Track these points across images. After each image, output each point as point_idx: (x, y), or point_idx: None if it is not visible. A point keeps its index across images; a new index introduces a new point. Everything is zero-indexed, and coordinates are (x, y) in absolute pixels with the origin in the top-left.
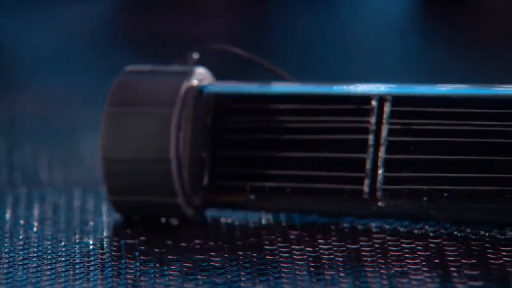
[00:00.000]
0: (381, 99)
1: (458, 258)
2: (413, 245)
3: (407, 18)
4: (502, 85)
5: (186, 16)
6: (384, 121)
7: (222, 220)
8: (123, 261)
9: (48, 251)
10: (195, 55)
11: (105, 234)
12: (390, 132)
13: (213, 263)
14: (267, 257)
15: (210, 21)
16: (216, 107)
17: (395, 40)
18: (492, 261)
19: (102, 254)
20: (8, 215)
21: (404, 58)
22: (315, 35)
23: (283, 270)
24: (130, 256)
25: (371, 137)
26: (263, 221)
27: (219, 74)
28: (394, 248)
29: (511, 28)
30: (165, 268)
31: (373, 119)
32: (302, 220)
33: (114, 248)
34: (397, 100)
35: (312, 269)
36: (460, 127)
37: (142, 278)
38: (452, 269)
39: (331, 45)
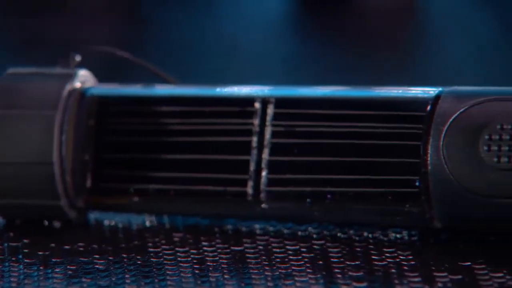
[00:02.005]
0: (265, 101)
1: (342, 259)
2: (297, 247)
3: (285, 18)
4: (381, 87)
5: (66, 18)
6: (267, 123)
7: (106, 222)
8: (7, 264)
9: None
10: (78, 58)
11: None
12: (274, 134)
13: (97, 266)
14: (152, 259)
15: (91, 22)
16: (99, 110)
17: (273, 40)
18: (375, 262)
19: None
20: None
21: (282, 58)
22: (195, 35)
23: (167, 272)
24: (13, 259)
25: (254, 139)
26: (147, 224)
27: (101, 77)
28: (278, 250)
29: (386, 28)
30: (49, 271)
31: (256, 121)
32: (185, 222)
33: None
34: (280, 102)
35: (196, 271)
36: (343, 129)
37: (26, 281)
38: (336, 270)
39: (210, 45)
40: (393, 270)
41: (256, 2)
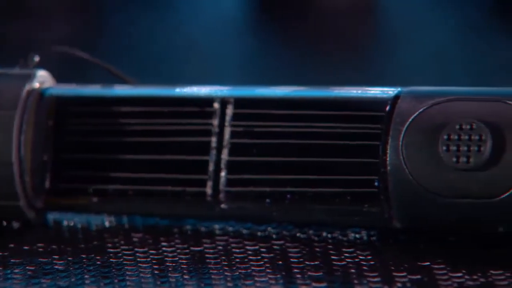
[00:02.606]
0: (224, 101)
1: (301, 259)
2: (257, 247)
3: (243, 18)
4: (340, 87)
5: (25, 18)
6: (226, 124)
7: (65, 223)
8: None
9: None
10: (36, 58)
11: None
12: (233, 135)
13: (56, 266)
14: (111, 260)
15: (50, 23)
16: (58, 110)
17: (231, 40)
18: (335, 263)
19: None
20: None
21: (240, 58)
22: (153, 36)
23: (127, 273)
24: None
25: (213, 139)
26: (106, 224)
27: (60, 77)
28: (237, 250)
29: (345, 28)
30: (8, 271)
31: (216, 122)
32: (145, 223)
33: None
34: (239, 102)
35: (156, 272)
36: (302, 129)
37: None
38: (296, 270)
39: (169, 45)
40: (353, 270)
41: (214, 2)
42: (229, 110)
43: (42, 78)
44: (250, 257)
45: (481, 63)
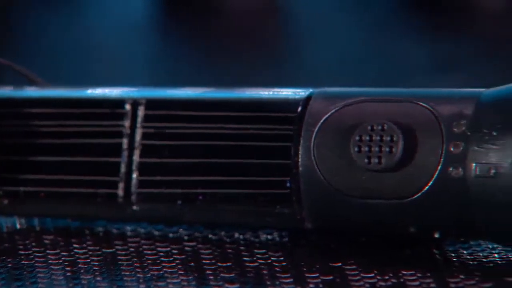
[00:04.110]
0: (135, 103)
1: (213, 261)
2: (169, 249)
3: (150, 19)
4: (252, 88)
5: None
6: (138, 125)
7: None
8: None
9: None
10: None
11: None
12: (144, 136)
13: None
14: (22, 262)
15: None
16: None
17: (139, 41)
18: (247, 264)
19: None
20: None
21: (148, 59)
22: (61, 36)
23: (39, 275)
24: None
25: (125, 141)
26: (17, 226)
27: None
28: (149, 252)
29: (252, 29)
30: None
31: (127, 123)
32: (56, 225)
33: None
34: (150, 103)
35: (68, 274)
36: (214, 130)
37: None
38: (208, 272)
39: (77, 47)
40: (265, 271)
41: (121, 3)
42: (141, 112)
43: None
44: (162, 259)
45: (390, 63)
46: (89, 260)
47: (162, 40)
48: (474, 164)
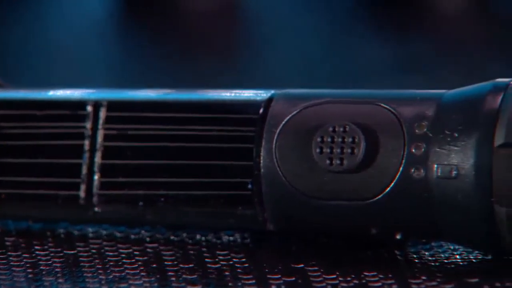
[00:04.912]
0: (96, 104)
1: (175, 262)
2: (131, 250)
3: (109, 19)
4: (214, 90)
5: None
6: (100, 127)
7: None
8: None
9: None
10: None
11: None
12: (106, 137)
13: None
14: None
15: None
16: None
17: (97, 42)
18: (209, 265)
19: None
20: None
21: (107, 60)
22: (19, 37)
23: (1, 277)
24: None
25: (87, 142)
26: None
27: None
28: (111, 254)
29: (213, 30)
30: None
31: (89, 124)
32: (17, 227)
33: None
34: (112, 105)
35: (30, 276)
36: (176, 131)
37: None
38: (171, 273)
39: (37, 49)
40: (227, 273)
41: (79, 4)
42: (102, 113)
43: None
44: (124, 260)
45: (351, 64)
46: (50, 262)
47: (122, 41)
48: (435, 165)
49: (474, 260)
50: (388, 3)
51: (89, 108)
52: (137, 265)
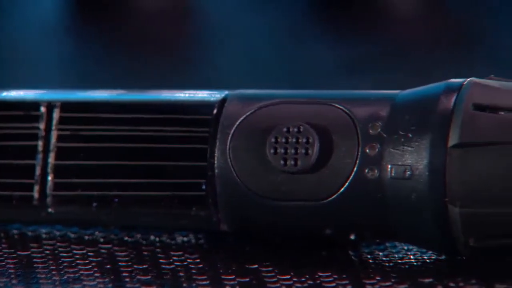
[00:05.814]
0: (50, 105)
1: (130, 263)
2: (84, 251)
3: (61, 19)
4: (167, 90)
5: None
6: (53, 127)
7: None
8: None
9: None
10: None
11: None
12: (60, 138)
13: None
14: None
15: None
16: None
17: (50, 43)
18: (164, 266)
19: None
20: None
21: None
22: None
23: None
24: None
25: (40, 143)
26: None
27: None
28: (65, 254)
29: (163, 30)
30: None
31: (42, 125)
32: None
33: None
34: (66, 106)
35: None
36: (129, 132)
37: None
38: (125, 274)
39: None
40: (181, 274)
41: (32, 4)
42: (56, 114)
43: None
44: (78, 261)
45: (303, 64)
46: (4, 263)
47: (74, 41)
48: (389, 166)
49: (428, 260)
50: (340, 5)
51: (43, 109)
52: (91, 266)
